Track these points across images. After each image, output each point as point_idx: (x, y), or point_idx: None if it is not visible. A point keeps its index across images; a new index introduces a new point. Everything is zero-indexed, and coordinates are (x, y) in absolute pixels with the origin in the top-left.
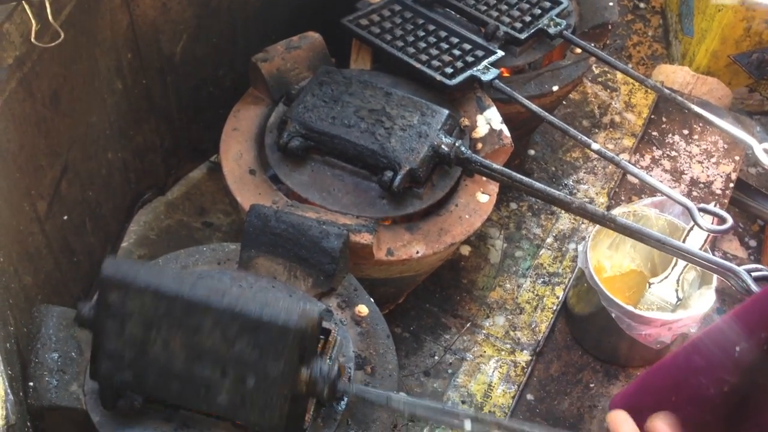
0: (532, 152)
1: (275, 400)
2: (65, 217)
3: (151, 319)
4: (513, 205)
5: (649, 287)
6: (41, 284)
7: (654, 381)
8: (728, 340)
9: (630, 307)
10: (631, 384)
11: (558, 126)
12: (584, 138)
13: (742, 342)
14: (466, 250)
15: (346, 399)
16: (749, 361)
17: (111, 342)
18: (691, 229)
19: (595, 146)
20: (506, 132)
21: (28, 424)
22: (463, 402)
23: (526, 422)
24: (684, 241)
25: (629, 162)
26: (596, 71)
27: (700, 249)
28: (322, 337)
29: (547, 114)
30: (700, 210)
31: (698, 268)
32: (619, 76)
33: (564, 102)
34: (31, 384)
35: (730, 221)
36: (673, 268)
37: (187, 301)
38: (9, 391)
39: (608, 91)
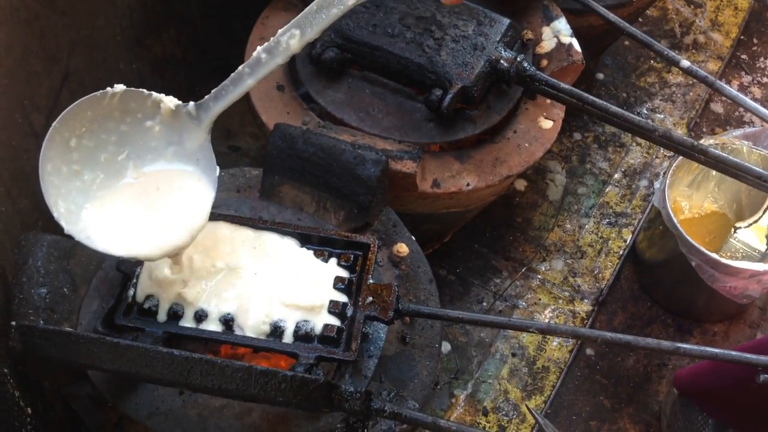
0: (600, 76)
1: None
2: None
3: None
4: (577, 136)
5: (735, 232)
6: (42, 209)
7: (731, 365)
8: None
9: (715, 255)
10: (701, 363)
11: (640, 39)
12: (671, 53)
13: None
14: (521, 184)
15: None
16: None
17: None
18: None
19: (684, 63)
20: (576, 47)
21: (5, 370)
22: (514, 355)
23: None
24: None
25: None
26: None
27: None
28: (360, 253)
29: (627, 25)
30: None
31: None
32: None
33: (640, 19)
34: (13, 323)
35: None
36: (765, 211)
37: None
38: None
39: (692, 7)
